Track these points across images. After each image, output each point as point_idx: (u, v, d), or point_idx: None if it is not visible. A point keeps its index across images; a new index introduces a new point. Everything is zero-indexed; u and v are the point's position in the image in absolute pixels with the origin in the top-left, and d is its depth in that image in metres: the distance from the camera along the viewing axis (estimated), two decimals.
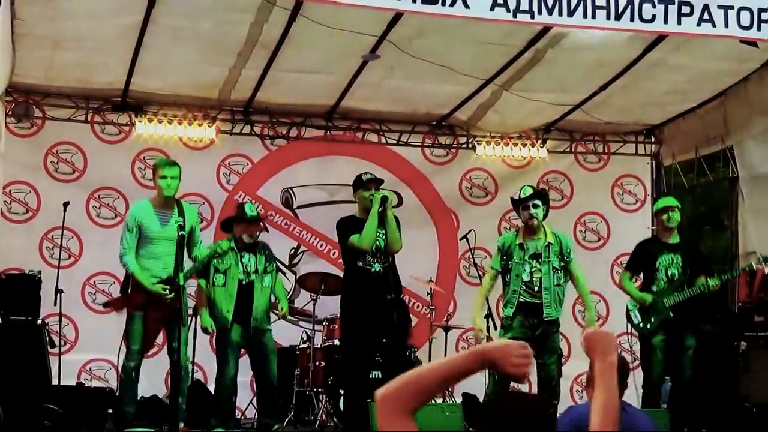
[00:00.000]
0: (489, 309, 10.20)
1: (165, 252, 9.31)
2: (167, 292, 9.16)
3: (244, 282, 10.06)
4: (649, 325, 10.01)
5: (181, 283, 9.21)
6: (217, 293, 10.04)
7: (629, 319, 10.21)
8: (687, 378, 9.97)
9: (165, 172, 9.41)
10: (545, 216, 10.02)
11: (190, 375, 9.50)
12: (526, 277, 9.73)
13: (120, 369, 9.49)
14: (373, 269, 9.92)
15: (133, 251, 9.32)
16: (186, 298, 9.54)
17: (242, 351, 10.23)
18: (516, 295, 9.72)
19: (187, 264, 9.51)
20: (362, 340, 9.85)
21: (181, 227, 9.16)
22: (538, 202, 9.90)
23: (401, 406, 3.15)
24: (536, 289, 9.72)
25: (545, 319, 9.66)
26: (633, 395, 10.49)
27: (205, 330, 10.04)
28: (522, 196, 9.96)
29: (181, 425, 9.14)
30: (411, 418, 3.15)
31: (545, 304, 9.70)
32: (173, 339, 9.26)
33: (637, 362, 10.57)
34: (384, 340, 9.85)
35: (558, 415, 10.69)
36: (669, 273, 10.05)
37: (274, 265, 10.44)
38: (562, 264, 9.87)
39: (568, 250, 9.97)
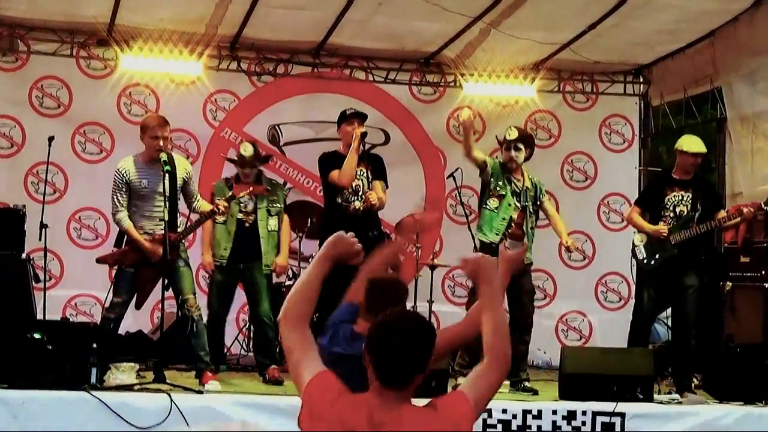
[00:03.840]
0: None
1: (157, 208, 9.22)
2: (158, 250, 9.10)
3: (246, 223, 10.00)
4: (653, 262, 9.94)
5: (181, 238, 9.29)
6: (218, 230, 10.02)
7: (634, 254, 10.15)
8: (689, 318, 9.90)
9: (160, 132, 9.24)
10: (528, 159, 10.02)
11: (204, 324, 9.44)
12: (512, 212, 9.75)
13: (100, 319, 9.54)
14: (352, 206, 9.89)
15: (125, 208, 9.24)
16: (184, 246, 9.52)
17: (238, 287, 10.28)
18: (505, 224, 9.74)
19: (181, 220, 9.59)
20: (339, 277, 9.80)
21: (170, 173, 9.08)
22: (520, 145, 9.90)
23: (302, 316, 3.96)
24: (515, 224, 9.74)
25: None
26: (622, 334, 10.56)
27: (203, 268, 9.99)
28: (507, 137, 9.95)
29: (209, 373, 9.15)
30: (307, 324, 3.93)
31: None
32: (178, 292, 9.25)
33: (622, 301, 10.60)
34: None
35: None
36: (677, 210, 9.95)
37: (280, 207, 10.34)
38: (535, 208, 9.93)
39: (541, 195, 10.02)
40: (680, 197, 9.95)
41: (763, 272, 10.49)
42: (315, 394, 3.76)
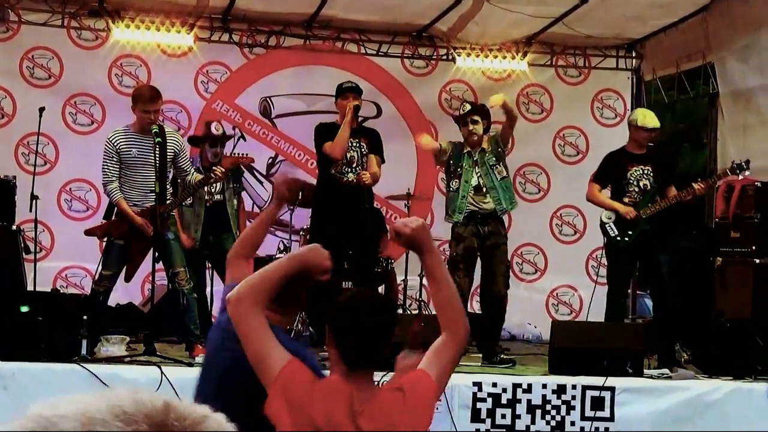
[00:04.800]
0: None
1: (146, 179, 9.20)
2: (150, 228, 9.08)
3: (209, 203, 10.06)
4: (627, 238, 9.90)
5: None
6: (185, 213, 10.04)
7: (604, 232, 10.10)
8: (666, 291, 9.91)
9: (152, 107, 9.20)
10: (487, 131, 10.01)
11: (194, 298, 9.41)
12: (474, 182, 9.75)
13: (90, 292, 9.54)
14: (345, 178, 9.89)
15: (116, 180, 9.21)
16: (173, 219, 9.51)
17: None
18: (465, 201, 9.75)
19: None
20: (330, 249, 9.86)
21: (160, 145, 9.03)
22: (477, 117, 9.89)
23: (256, 302, 3.86)
24: (484, 191, 9.75)
25: (498, 213, 9.72)
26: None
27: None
28: (461, 112, 9.98)
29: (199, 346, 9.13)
30: (262, 310, 3.86)
31: (495, 201, 9.74)
32: (168, 266, 9.24)
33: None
34: (350, 252, 9.90)
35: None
36: (641, 184, 9.95)
37: (241, 187, 10.47)
38: (500, 156, 9.93)
39: (497, 141, 9.98)
40: (641, 171, 9.95)
41: (754, 247, 10.49)
42: (290, 382, 3.72)
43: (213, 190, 10.06)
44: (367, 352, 3.77)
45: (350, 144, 9.86)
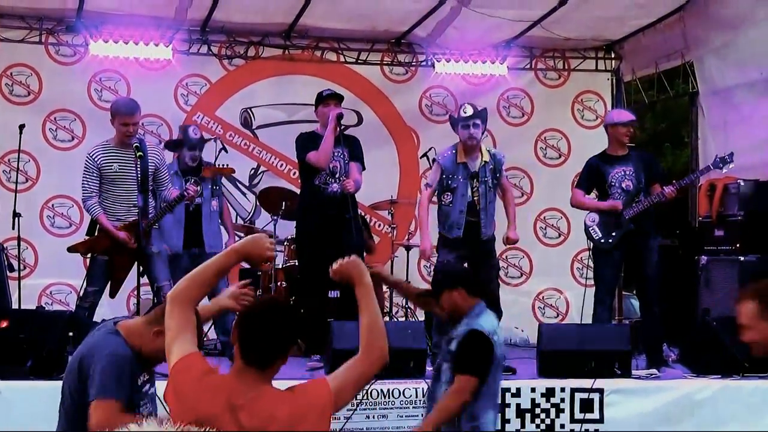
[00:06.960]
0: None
1: (128, 194, 9.17)
2: (132, 240, 9.07)
3: (191, 208, 10.00)
4: (610, 240, 9.89)
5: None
6: (166, 220, 9.99)
7: (589, 235, 10.09)
8: (652, 291, 9.90)
9: (129, 120, 9.19)
10: (482, 135, 9.98)
11: None
12: (468, 198, 9.71)
13: (75, 308, 9.52)
14: (329, 188, 9.83)
15: (96, 195, 9.18)
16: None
17: None
18: (463, 215, 9.70)
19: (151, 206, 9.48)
20: (316, 259, 9.84)
21: (141, 159, 9.00)
22: (478, 121, 9.84)
23: (190, 299, 4.23)
24: (478, 208, 9.72)
25: (483, 239, 9.68)
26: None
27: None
28: (462, 115, 9.90)
29: None
30: (193, 308, 4.25)
31: (483, 224, 9.71)
32: (153, 280, 9.22)
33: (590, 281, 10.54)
34: (338, 260, 9.85)
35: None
36: (623, 185, 9.92)
37: (220, 188, 10.39)
38: (495, 182, 9.88)
39: (501, 166, 9.95)
40: (623, 173, 9.92)
41: (738, 245, 10.52)
42: (180, 373, 4.01)
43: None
44: (262, 350, 3.98)
45: (333, 153, 9.80)
